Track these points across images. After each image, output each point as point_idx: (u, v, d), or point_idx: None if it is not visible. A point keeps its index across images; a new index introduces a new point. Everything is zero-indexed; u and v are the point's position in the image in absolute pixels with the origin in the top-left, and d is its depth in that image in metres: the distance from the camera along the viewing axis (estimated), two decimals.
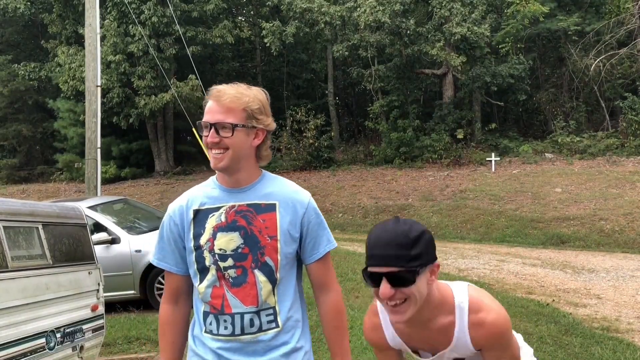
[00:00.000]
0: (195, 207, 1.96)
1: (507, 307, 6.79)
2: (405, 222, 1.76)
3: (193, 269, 1.96)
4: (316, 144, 20.73)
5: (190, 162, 24.07)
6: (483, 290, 1.92)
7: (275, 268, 1.92)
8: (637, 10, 19.26)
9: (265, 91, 1.99)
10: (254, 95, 1.92)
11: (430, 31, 19.45)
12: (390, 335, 1.95)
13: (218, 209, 1.94)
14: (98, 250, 5.47)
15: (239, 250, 1.90)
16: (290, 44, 22.32)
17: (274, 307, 1.94)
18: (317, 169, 20.47)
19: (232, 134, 1.87)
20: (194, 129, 13.83)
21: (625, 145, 18.11)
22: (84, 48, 13.46)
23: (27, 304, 3.70)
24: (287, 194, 1.98)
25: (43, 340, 3.78)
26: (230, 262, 1.90)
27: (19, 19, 25.27)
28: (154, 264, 2.06)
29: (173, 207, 2.02)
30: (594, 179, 15.72)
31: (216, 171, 1.96)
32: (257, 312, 1.91)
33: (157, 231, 6.79)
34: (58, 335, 3.94)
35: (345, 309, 2.05)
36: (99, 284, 4.62)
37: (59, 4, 22.88)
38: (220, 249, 1.90)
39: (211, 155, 1.90)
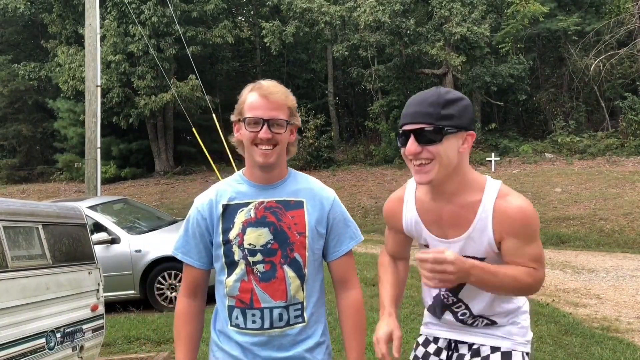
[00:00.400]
0: (224, 201, 1.98)
1: None
2: (447, 88, 1.78)
3: (220, 262, 1.97)
4: (316, 144, 20.73)
5: (190, 162, 24.07)
6: None
7: (304, 264, 1.95)
8: (637, 10, 19.26)
9: None
10: (290, 93, 2.00)
11: (430, 31, 19.45)
12: (409, 215, 1.92)
13: (247, 204, 1.96)
14: (98, 250, 5.47)
15: (269, 245, 1.93)
16: (290, 44, 22.32)
17: (302, 303, 1.97)
18: (317, 169, 20.47)
19: (285, 131, 1.94)
20: (194, 129, 13.84)
21: (625, 145, 18.11)
22: (84, 48, 13.46)
23: (27, 304, 3.70)
24: (314, 191, 2.04)
25: (43, 340, 3.78)
26: (259, 257, 1.93)
27: (19, 19, 25.28)
28: (178, 257, 2.05)
29: (201, 201, 2.03)
30: (594, 179, 15.72)
31: (259, 167, 1.95)
32: (286, 307, 1.94)
33: (157, 231, 6.80)
34: (58, 335, 3.94)
35: (365, 309, 2.09)
36: (99, 284, 4.62)
37: (59, 4, 22.88)
38: (249, 244, 1.93)
39: (256, 151, 1.91)
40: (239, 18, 27.02)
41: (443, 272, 1.62)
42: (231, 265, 1.95)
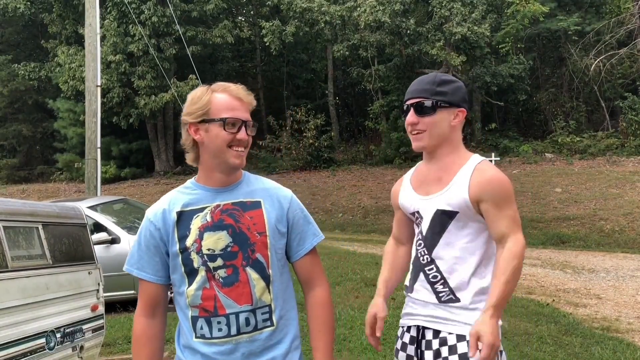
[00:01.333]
0: (178, 209, 1.90)
1: (507, 307, 6.78)
2: (446, 74, 2.17)
3: (180, 272, 1.90)
4: (316, 144, 20.73)
5: None
6: None
7: (267, 264, 1.89)
8: (637, 10, 19.26)
9: None
10: None
11: (430, 31, 19.45)
12: (403, 186, 2.20)
13: (202, 209, 1.90)
14: (98, 250, 5.47)
15: (228, 249, 1.86)
16: (290, 44, 22.32)
17: (269, 305, 1.90)
18: (317, 169, 20.47)
19: (254, 133, 1.93)
20: None
21: (625, 145, 18.11)
22: (84, 48, 13.46)
23: (27, 304, 3.70)
24: (270, 190, 1.98)
25: (43, 340, 3.78)
26: (219, 261, 1.86)
27: (19, 18, 25.27)
28: (133, 274, 1.99)
29: (154, 211, 1.95)
30: (594, 179, 15.72)
31: (231, 169, 1.91)
32: (253, 311, 1.87)
33: None
34: (58, 335, 3.94)
35: (333, 306, 2.03)
36: (99, 284, 4.62)
37: (59, 3, 22.88)
38: (208, 249, 1.85)
39: (231, 152, 1.86)
40: (239, 18, 27.03)
41: (496, 347, 1.91)
42: (191, 273, 1.87)
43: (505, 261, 1.90)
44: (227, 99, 1.87)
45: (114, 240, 7.33)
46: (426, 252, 2.04)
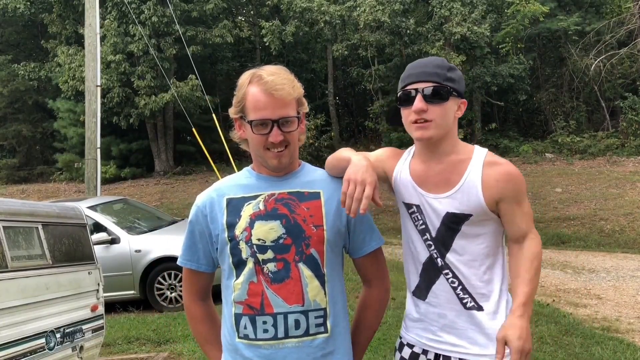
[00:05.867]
0: (229, 195, 1.77)
1: None
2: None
3: (227, 263, 1.74)
4: (316, 144, 20.72)
5: (190, 162, 24.06)
6: None
7: (322, 262, 1.71)
8: (637, 10, 19.25)
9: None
10: (295, 79, 1.81)
11: (430, 31, 19.45)
12: (401, 168, 1.96)
13: (255, 197, 1.74)
14: (98, 250, 5.47)
15: (281, 241, 1.69)
16: (290, 44, 22.30)
17: (324, 309, 1.72)
18: None
19: (297, 127, 1.74)
20: (194, 129, 13.83)
21: (626, 145, 18.11)
22: (84, 48, 13.45)
23: (27, 304, 3.69)
24: (331, 182, 1.83)
25: (43, 340, 3.77)
26: (270, 254, 1.69)
27: (18, 18, 25.25)
28: (182, 264, 1.84)
29: (202, 198, 1.82)
30: (594, 179, 15.72)
31: (273, 169, 1.76)
32: (304, 313, 1.68)
33: (157, 231, 6.79)
34: (58, 335, 3.93)
35: (385, 306, 1.94)
36: (98, 284, 4.62)
37: (59, 4, 22.87)
38: (258, 239, 1.69)
39: (268, 154, 1.71)
40: (239, 18, 27.01)
41: (526, 351, 1.76)
42: (239, 265, 1.71)
43: (528, 260, 1.81)
44: (256, 95, 1.70)
45: (114, 240, 7.33)
46: (438, 255, 1.85)
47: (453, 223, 1.82)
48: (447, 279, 1.84)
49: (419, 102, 1.76)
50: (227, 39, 21.90)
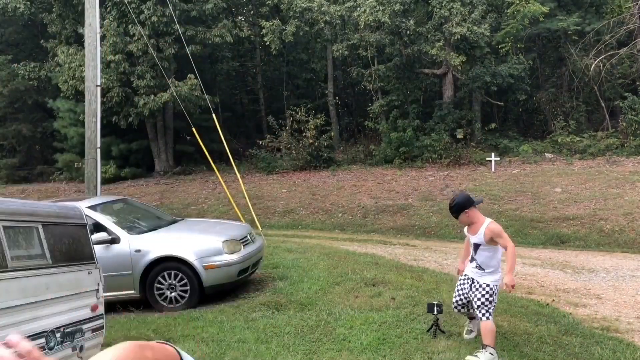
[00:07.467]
0: None
1: (507, 307, 6.82)
2: (454, 199, 5.41)
3: None
4: (316, 144, 20.72)
5: (190, 162, 24.05)
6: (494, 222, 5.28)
7: None
8: (637, 10, 19.25)
9: None
10: None
11: (430, 31, 19.45)
12: (465, 227, 5.38)
13: None
14: (98, 250, 5.47)
15: None
16: (290, 44, 22.31)
17: None
18: (317, 169, 20.46)
19: None
20: (193, 129, 13.83)
21: (625, 145, 18.11)
22: (83, 48, 13.45)
23: (27, 304, 3.69)
24: None
25: (43, 340, 3.77)
26: None
27: (18, 18, 25.26)
28: None
29: None
30: (594, 179, 15.72)
31: None
32: None
33: (157, 231, 6.76)
34: (58, 335, 3.93)
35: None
36: (98, 284, 4.62)
37: (59, 3, 22.88)
38: None
39: None
40: (239, 17, 27.01)
41: (511, 283, 5.07)
42: None
43: (511, 255, 5.02)
44: None
45: (114, 240, 7.32)
46: (475, 255, 5.26)
47: (476, 246, 5.25)
48: (473, 262, 5.30)
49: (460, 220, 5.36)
50: (227, 39, 21.90)
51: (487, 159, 18.48)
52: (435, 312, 5.58)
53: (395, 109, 21.20)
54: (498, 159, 18.43)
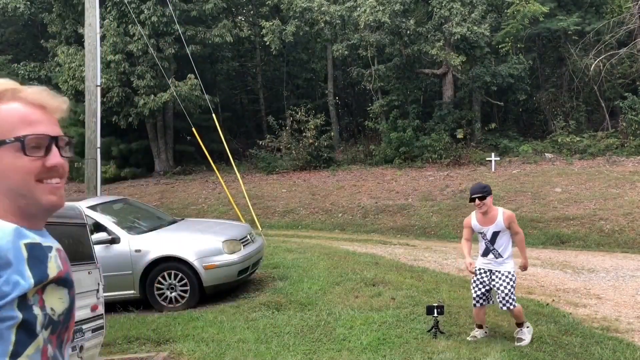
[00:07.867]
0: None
1: None
2: (480, 183, 5.91)
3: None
4: (316, 144, 20.72)
5: (190, 162, 24.06)
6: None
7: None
8: (637, 10, 19.25)
9: None
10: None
11: (430, 31, 19.45)
12: (474, 220, 5.52)
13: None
14: (98, 250, 5.47)
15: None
16: (290, 44, 22.30)
17: None
18: (317, 169, 20.46)
19: (71, 154, 1.33)
20: (193, 129, 13.83)
21: (625, 145, 18.10)
22: (83, 48, 13.46)
23: None
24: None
25: None
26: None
27: (18, 18, 25.27)
28: None
29: None
30: (594, 179, 15.72)
31: (47, 212, 1.38)
32: None
33: (157, 231, 6.75)
34: None
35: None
36: (98, 284, 4.62)
37: (59, 3, 22.88)
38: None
39: (42, 188, 1.27)
40: (239, 17, 27.01)
41: (526, 267, 5.85)
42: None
43: (521, 242, 5.62)
44: (20, 108, 1.23)
45: (114, 240, 7.32)
46: (492, 245, 5.45)
47: (494, 234, 5.48)
48: (492, 251, 5.49)
49: (477, 202, 5.44)
50: (227, 39, 21.90)
51: (487, 159, 18.48)
52: (436, 315, 5.58)
53: (395, 109, 21.19)
54: (498, 159, 18.43)
